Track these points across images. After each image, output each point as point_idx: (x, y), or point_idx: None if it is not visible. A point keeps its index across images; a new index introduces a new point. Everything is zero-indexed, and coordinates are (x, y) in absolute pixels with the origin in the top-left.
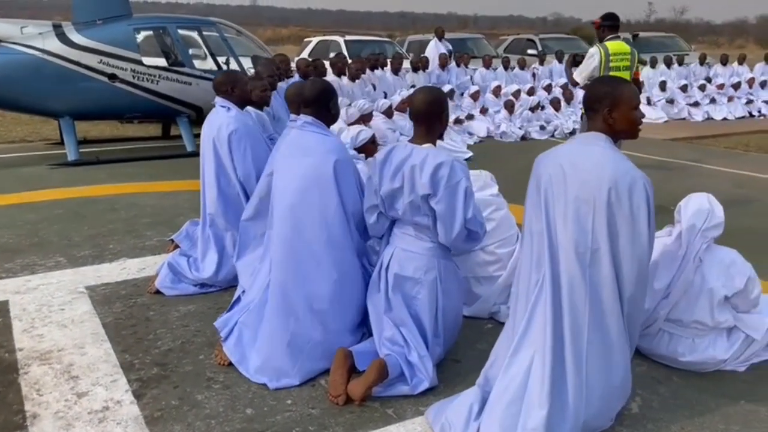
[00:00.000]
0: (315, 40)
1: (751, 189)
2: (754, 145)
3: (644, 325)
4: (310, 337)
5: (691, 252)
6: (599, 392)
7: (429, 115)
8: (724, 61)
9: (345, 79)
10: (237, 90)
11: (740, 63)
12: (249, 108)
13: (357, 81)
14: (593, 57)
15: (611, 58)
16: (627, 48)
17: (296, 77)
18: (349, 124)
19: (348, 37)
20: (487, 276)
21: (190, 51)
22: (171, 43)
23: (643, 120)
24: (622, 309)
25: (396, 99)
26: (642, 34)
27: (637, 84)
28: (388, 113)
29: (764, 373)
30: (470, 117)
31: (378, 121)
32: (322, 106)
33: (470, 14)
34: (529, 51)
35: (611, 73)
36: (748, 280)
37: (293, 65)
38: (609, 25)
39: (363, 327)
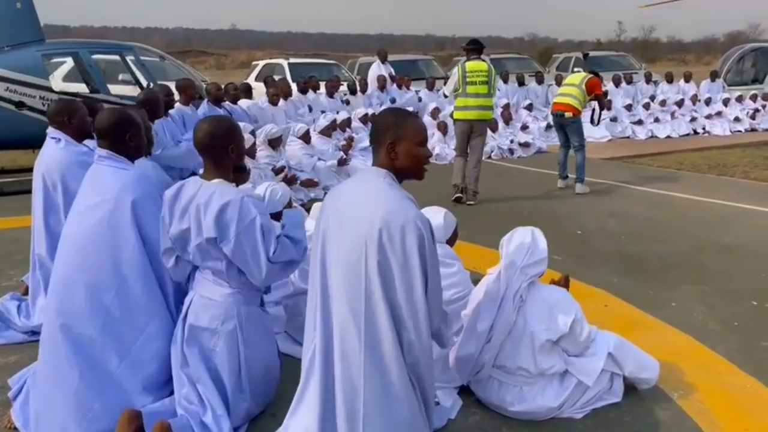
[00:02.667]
0: (261, 63)
1: (665, 210)
2: (689, 163)
3: (474, 371)
4: (96, 398)
5: (510, 291)
6: None
7: (212, 149)
8: (670, 79)
9: (265, 103)
10: (75, 120)
11: (686, 81)
12: None
13: (280, 105)
14: (454, 74)
15: (468, 74)
16: (484, 66)
17: (204, 103)
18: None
19: (292, 60)
20: None
21: (121, 77)
22: (83, 68)
23: (588, 139)
24: (404, 359)
25: (321, 122)
26: (592, 53)
27: (600, 99)
28: (305, 138)
29: (602, 419)
30: None
31: (294, 146)
32: (117, 138)
33: (449, 35)
34: None
35: (468, 87)
36: (574, 321)
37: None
38: (472, 48)
39: (171, 384)
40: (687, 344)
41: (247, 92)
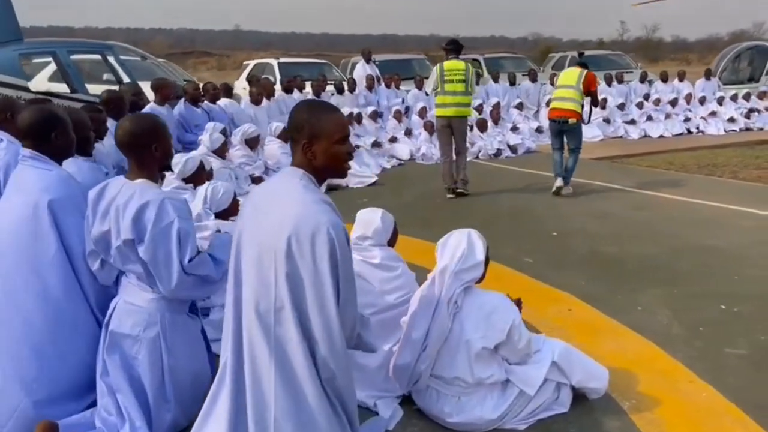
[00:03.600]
0: (252, 63)
1: (648, 211)
2: (678, 163)
3: (412, 380)
4: (13, 410)
5: (444, 297)
6: None
7: (133, 148)
8: (665, 78)
9: (246, 104)
10: (17, 117)
11: (680, 79)
12: None
13: (263, 104)
14: (433, 73)
15: (445, 73)
16: (461, 65)
17: (181, 102)
18: (213, 151)
19: (282, 60)
20: None
21: (105, 77)
22: (62, 68)
23: None
24: (318, 374)
25: None
26: (587, 52)
27: (594, 96)
28: (284, 137)
29: (546, 431)
30: (393, 140)
31: (273, 145)
32: (41, 138)
33: (452, 35)
34: None
35: (446, 85)
36: (511, 328)
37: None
38: (450, 48)
39: (91, 394)
40: (647, 350)
41: (227, 92)
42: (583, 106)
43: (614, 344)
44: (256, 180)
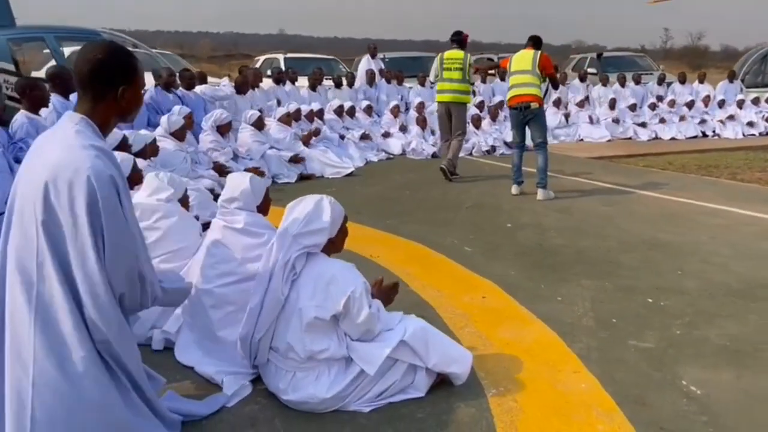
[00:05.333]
0: (261, 58)
1: (617, 207)
2: (678, 164)
3: (253, 353)
4: None
5: (281, 261)
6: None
7: None
8: (682, 80)
9: (226, 89)
10: None
11: (700, 81)
12: None
13: (248, 93)
14: (435, 62)
15: (445, 61)
16: (460, 54)
17: (152, 88)
18: (171, 133)
19: (289, 55)
20: None
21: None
22: (50, 53)
23: (586, 139)
24: (90, 334)
25: (280, 110)
26: (606, 54)
27: (554, 78)
28: (259, 125)
29: (391, 414)
30: (387, 134)
31: (245, 133)
32: None
33: (493, 41)
34: None
35: (444, 73)
36: (349, 299)
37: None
38: (453, 39)
39: None
40: (545, 339)
41: (203, 79)
42: (546, 90)
43: (514, 333)
44: (217, 167)
